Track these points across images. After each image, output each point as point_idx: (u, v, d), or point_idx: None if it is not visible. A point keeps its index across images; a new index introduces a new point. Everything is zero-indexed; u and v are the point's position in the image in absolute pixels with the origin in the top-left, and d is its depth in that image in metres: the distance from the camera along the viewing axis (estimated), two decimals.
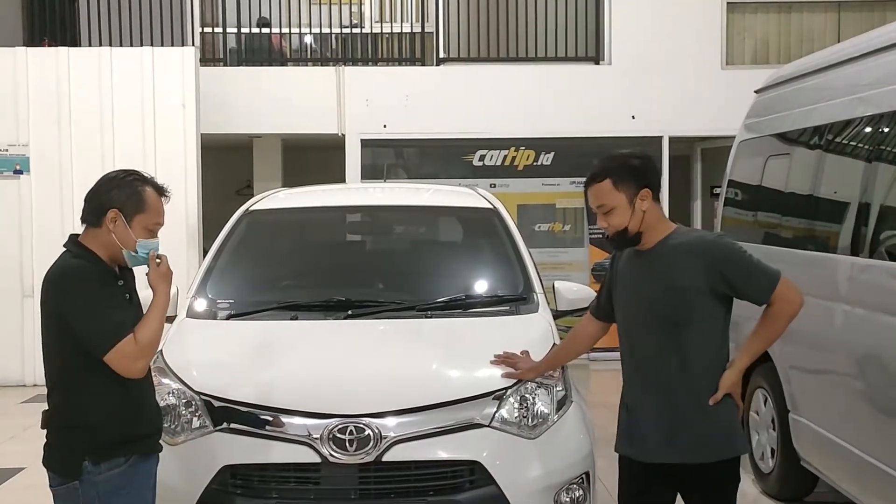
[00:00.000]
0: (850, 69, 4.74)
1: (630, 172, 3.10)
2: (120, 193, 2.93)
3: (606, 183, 3.09)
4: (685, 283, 3.03)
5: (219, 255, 4.68)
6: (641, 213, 3.08)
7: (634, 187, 3.08)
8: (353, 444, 3.37)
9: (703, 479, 3.11)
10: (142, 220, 2.95)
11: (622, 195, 3.07)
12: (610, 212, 3.09)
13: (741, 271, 3.05)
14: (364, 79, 10.15)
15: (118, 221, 2.91)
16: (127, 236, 2.93)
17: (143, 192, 2.96)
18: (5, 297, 8.70)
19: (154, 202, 2.98)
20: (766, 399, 5.34)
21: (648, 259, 3.13)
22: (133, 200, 2.93)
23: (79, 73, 8.76)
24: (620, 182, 3.07)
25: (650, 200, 3.09)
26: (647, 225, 3.11)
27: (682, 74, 9.93)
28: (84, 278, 2.85)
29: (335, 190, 6.02)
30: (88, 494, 2.88)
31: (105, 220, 2.92)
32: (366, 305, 4.24)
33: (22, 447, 6.66)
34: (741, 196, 6.10)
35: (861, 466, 4.17)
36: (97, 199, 2.95)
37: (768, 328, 3.14)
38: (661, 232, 3.13)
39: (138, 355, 2.85)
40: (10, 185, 8.71)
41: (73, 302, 2.83)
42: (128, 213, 2.93)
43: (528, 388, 3.65)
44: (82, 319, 2.82)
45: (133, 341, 2.84)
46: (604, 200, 3.09)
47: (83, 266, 2.88)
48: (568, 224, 10.38)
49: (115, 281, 2.99)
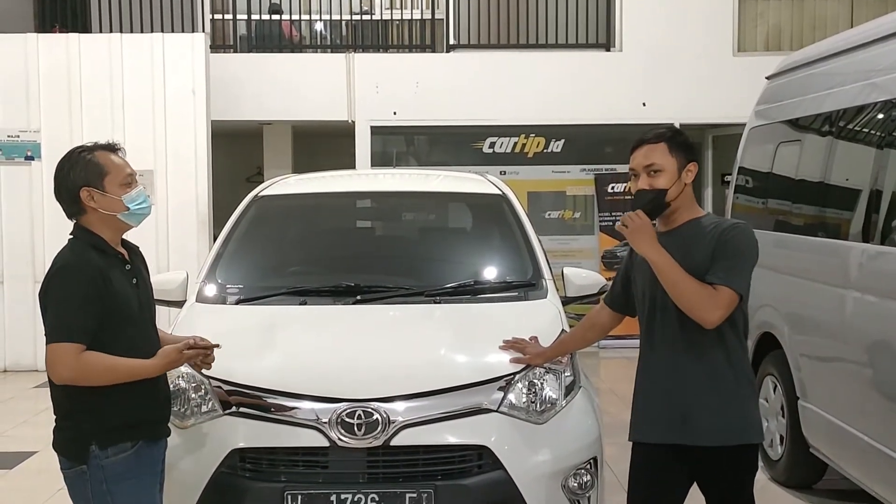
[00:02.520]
0: (861, 55, 4.71)
1: (684, 144, 3.16)
2: (76, 172, 2.92)
3: (662, 145, 3.12)
4: (698, 264, 3.02)
5: (228, 241, 4.68)
6: (684, 185, 3.12)
7: (685, 158, 3.13)
8: (361, 429, 3.38)
9: (719, 465, 3.09)
10: (111, 180, 2.93)
11: (674, 161, 3.10)
12: (658, 173, 3.10)
13: (725, 255, 3.00)
14: (374, 65, 10.15)
15: (94, 195, 2.91)
16: (111, 202, 2.93)
17: (96, 157, 2.94)
18: (17, 283, 8.76)
19: (111, 160, 2.96)
20: (775, 386, 5.33)
21: (673, 239, 3.11)
22: (91, 170, 2.92)
23: (89, 59, 8.79)
24: (674, 149, 3.12)
25: (693, 176, 3.15)
26: (683, 201, 3.14)
27: (694, 61, 9.88)
28: (73, 276, 2.85)
29: (344, 176, 6.02)
30: (96, 478, 2.89)
31: (83, 203, 2.92)
32: (375, 291, 4.24)
33: (34, 431, 6.72)
34: (751, 183, 6.07)
35: (870, 454, 4.17)
36: (64, 190, 2.95)
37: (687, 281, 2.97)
38: (689, 215, 3.16)
39: (69, 367, 2.80)
40: (21, 171, 8.76)
41: (53, 294, 2.86)
42: (96, 184, 2.91)
43: (536, 374, 3.65)
44: (52, 307, 2.85)
45: (75, 351, 2.79)
46: (656, 160, 3.10)
47: (79, 265, 2.87)
48: (578, 211, 10.37)
49: (122, 266, 2.99)
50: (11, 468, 5.84)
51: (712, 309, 2.97)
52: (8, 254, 8.78)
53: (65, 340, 2.81)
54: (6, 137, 8.75)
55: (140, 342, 3.00)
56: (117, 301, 2.91)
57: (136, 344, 2.97)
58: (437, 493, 3.35)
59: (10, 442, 6.50)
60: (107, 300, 2.87)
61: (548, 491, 3.48)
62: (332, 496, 3.35)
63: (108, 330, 2.88)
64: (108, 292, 2.88)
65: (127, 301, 2.95)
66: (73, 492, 2.98)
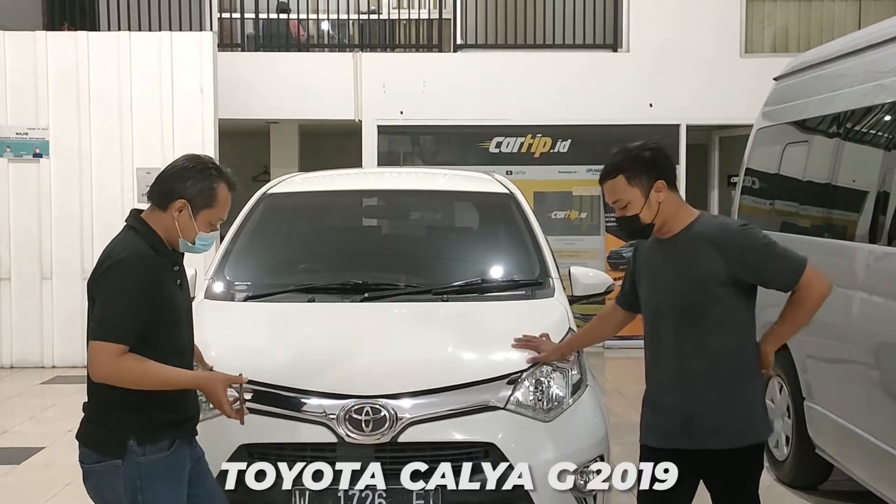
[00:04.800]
0: (870, 56, 4.71)
1: (642, 166, 3.09)
2: (194, 186, 2.89)
3: (620, 179, 3.10)
4: (706, 271, 3.03)
5: (236, 239, 4.70)
6: (657, 205, 3.09)
7: (647, 180, 3.08)
8: (368, 425, 3.40)
9: (726, 464, 3.11)
10: (208, 215, 2.92)
11: (636, 189, 3.08)
12: (626, 206, 3.11)
13: (764, 261, 3.04)
14: (381, 65, 10.16)
15: (184, 212, 2.88)
16: (190, 228, 2.91)
17: (217, 188, 2.92)
18: (25, 280, 8.80)
19: (224, 198, 2.94)
20: (781, 387, 5.33)
21: (671, 247, 3.13)
22: (204, 195, 2.90)
23: (98, 57, 8.83)
24: (633, 177, 3.08)
25: (665, 191, 3.09)
26: (665, 215, 3.11)
27: (701, 62, 9.88)
28: (130, 272, 2.79)
29: (352, 174, 6.04)
30: (130, 474, 2.83)
31: (172, 206, 2.89)
32: (382, 288, 4.27)
33: (41, 427, 6.75)
34: (758, 184, 6.07)
35: (877, 454, 4.17)
36: (169, 184, 2.91)
37: (794, 314, 3.12)
38: (683, 220, 3.13)
39: (108, 368, 2.75)
40: (30, 168, 8.79)
41: (106, 286, 2.80)
42: (196, 207, 2.89)
43: (543, 372, 3.66)
44: (103, 300, 2.80)
45: (117, 352, 2.74)
46: (618, 196, 3.11)
47: (137, 261, 2.81)
48: (584, 212, 10.36)
49: (171, 267, 2.96)
50: (19, 463, 5.86)
51: (823, 288, 3.07)
52: (16, 250, 8.81)
53: (109, 340, 2.75)
54: (15, 135, 8.79)
55: (180, 345, 2.97)
56: (165, 303, 2.86)
57: (177, 347, 2.94)
58: (443, 489, 3.35)
59: (17, 438, 6.53)
60: (157, 301, 2.82)
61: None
62: (340, 492, 3.36)
63: (153, 331, 2.82)
64: (160, 294, 2.84)
65: (174, 304, 2.92)
66: (99, 486, 2.90)
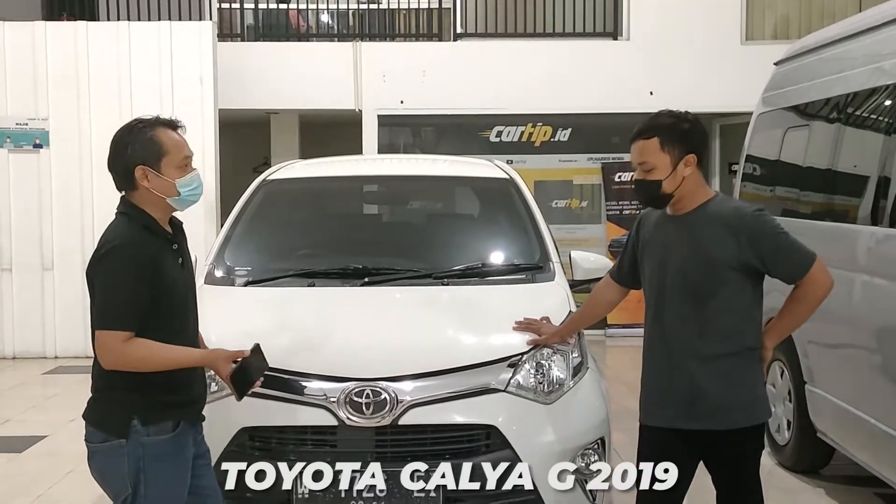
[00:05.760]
0: (870, 39, 4.69)
1: (679, 136, 3.05)
2: (135, 148, 2.84)
3: (654, 141, 3.05)
4: (716, 253, 3.02)
5: (236, 224, 4.70)
6: (681, 179, 3.05)
7: (680, 151, 3.04)
8: (369, 408, 3.39)
9: (725, 445, 3.11)
10: (168, 161, 2.86)
11: (667, 157, 3.04)
12: (651, 170, 3.06)
13: (776, 250, 3.02)
14: (381, 54, 10.14)
15: (148, 175, 2.84)
16: (164, 184, 2.85)
17: (155, 134, 2.86)
18: (26, 271, 8.80)
19: (170, 138, 2.88)
20: (782, 371, 5.33)
21: (683, 225, 3.11)
22: (150, 148, 2.84)
23: (97, 47, 8.81)
24: (667, 143, 3.03)
25: (693, 167, 3.06)
26: (685, 191, 3.08)
27: (701, 50, 9.86)
28: (125, 258, 2.77)
29: (352, 161, 6.04)
30: (134, 454, 2.82)
31: (136, 180, 2.85)
32: (383, 273, 4.26)
33: (44, 416, 6.77)
34: (759, 170, 6.06)
35: (879, 437, 4.16)
36: (118, 165, 2.89)
37: (796, 310, 3.13)
38: (700, 199, 3.10)
39: (116, 355, 2.75)
40: (29, 158, 8.79)
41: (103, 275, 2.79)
42: (152, 163, 2.84)
43: (543, 355, 3.66)
44: (102, 289, 2.79)
45: (122, 339, 2.73)
46: (647, 158, 3.05)
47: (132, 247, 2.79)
48: (585, 200, 10.37)
49: (170, 247, 2.93)
50: (21, 451, 5.87)
51: (825, 286, 3.07)
52: (16, 241, 8.81)
53: (112, 328, 2.74)
54: (14, 125, 8.78)
55: (183, 325, 2.95)
56: (166, 286, 2.84)
57: (180, 327, 2.93)
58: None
59: (20, 426, 6.54)
60: (156, 285, 2.80)
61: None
62: (341, 475, 3.37)
63: (153, 314, 2.80)
64: (159, 276, 2.81)
65: (175, 285, 2.89)
66: (102, 466, 2.89)
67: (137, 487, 2.84)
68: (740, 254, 3.00)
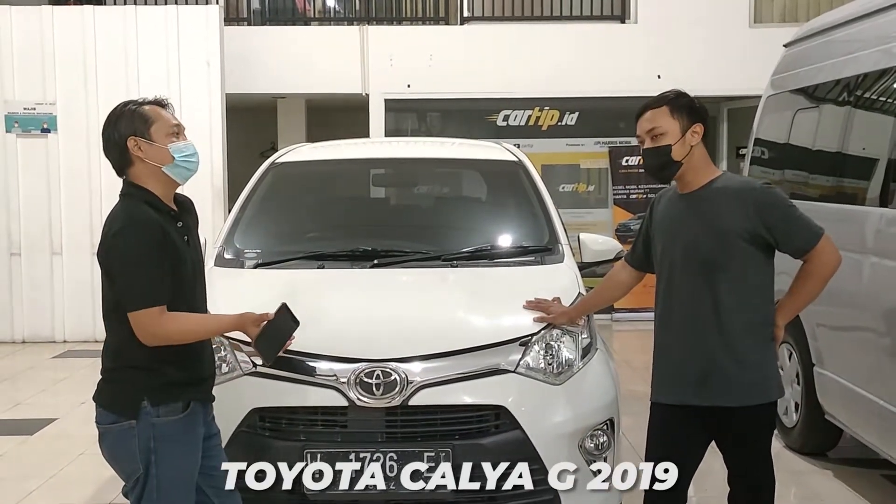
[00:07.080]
0: (880, 20, 4.67)
1: (687, 106, 3.16)
2: (124, 122, 2.88)
3: (664, 109, 3.14)
4: (727, 226, 3.04)
5: (245, 207, 4.71)
6: (689, 147, 3.12)
7: (689, 119, 3.13)
8: (379, 388, 3.41)
9: (737, 422, 3.11)
10: (159, 129, 2.89)
11: (676, 123, 3.12)
12: (660, 136, 3.12)
13: (784, 221, 3.05)
14: (388, 38, 10.12)
15: (140, 144, 2.86)
16: (157, 150, 2.87)
17: (142, 109, 2.90)
18: (35, 255, 8.83)
19: (155, 111, 2.92)
20: (790, 354, 5.33)
21: (692, 201, 3.14)
22: (139, 120, 2.88)
23: (104, 31, 8.82)
24: (677, 111, 3.13)
25: (700, 138, 3.14)
26: (693, 164, 3.13)
27: (709, 33, 9.82)
28: (137, 235, 2.77)
29: (360, 143, 6.03)
30: (144, 435, 2.83)
31: (130, 154, 2.87)
32: (392, 255, 4.27)
33: (53, 399, 6.81)
34: (768, 153, 6.04)
35: (888, 418, 4.17)
36: (112, 144, 2.90)
37: (805, 285, 3.15)
38: (707, 175, 3.16)
39: (154, 330, 2.78)
40: (38, 143, 8.81)
41: (118, 258, 2.79)
42: (142, 132, 2.87)
43: (553, 336, 3.66)
44: (120, 271, 2.79)
45: (157, 314, 2.76)
46: (658, 123, 3.13)
47: (141, 223, 2.79)
48: (592, 185, 10.36)
49: (175, 224, 2.93)
50: (32, 434, 5.91)
51: (833, 262, 3.09)
52: (25, 226, 8.84)
53: (145, 306, 2.75)
54: (22, 110, 8.80)
55: (192, 303, 2.96)
56: (175, 261, 2.85)
57: (190, 305, 2.93)
58: (454, 452, 3.37)
59: (30, 409, 6.58)
60: (167, 259, 2.82)
61: (565, 451, 3.49)
62: (351, 455, 3.38)
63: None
64: (167, 251, 2.82)
65: (183, 261, 2.90)
66: (113, 447, 2.89)
67: (148, 468, 2.85)
68: (749, 224, 3.03)
